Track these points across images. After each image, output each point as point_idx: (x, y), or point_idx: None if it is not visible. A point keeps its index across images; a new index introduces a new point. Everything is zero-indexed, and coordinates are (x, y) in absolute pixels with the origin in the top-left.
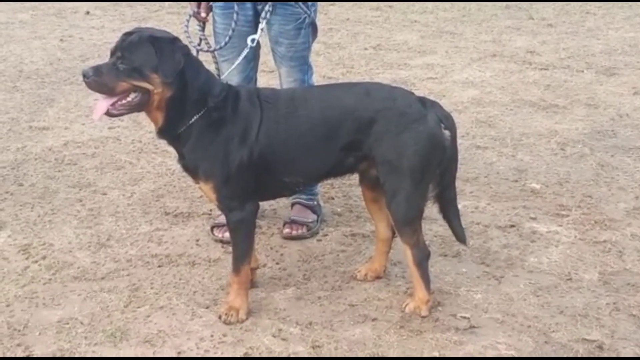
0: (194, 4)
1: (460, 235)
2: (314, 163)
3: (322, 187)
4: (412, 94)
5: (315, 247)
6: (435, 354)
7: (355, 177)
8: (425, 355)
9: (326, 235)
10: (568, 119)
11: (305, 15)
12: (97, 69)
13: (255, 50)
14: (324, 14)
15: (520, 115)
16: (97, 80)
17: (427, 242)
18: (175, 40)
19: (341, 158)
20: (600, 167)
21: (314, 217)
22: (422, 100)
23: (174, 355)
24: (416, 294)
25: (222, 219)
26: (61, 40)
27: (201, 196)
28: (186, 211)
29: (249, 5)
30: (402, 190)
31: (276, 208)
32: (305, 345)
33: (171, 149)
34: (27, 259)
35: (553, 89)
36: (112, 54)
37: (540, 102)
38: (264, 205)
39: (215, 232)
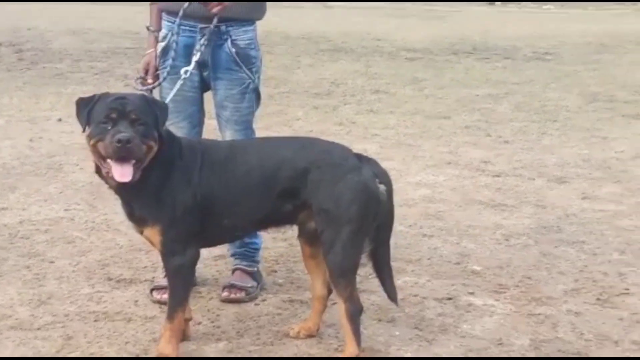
0: (142, 70)
1: (391, 294)
2: (250, 207)
3: (265, 262)
4: (349, 149)
5: (252, 309)
6: None
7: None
8: None
9: (264, 300)
10: (515, 215)
11: (250, 80)
12: (132, 134)
13: (200, 116)
14: (289, 127)
15: (468, 212)
16: (137, 144)
17: (364, 309)
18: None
19: (278, 205)
20: (542, 255)
21: (254, 283)
22: (359, 156)
23: None
24: (346, 349)
25: (163, 282)
26: (31, 140)
27: (145, 267)
28: (129, 278)
29: (195, 71)
30: (338, 240)
31: (218, 277)
32: None
33: (115, 220)
34: None
35: (503, 192)
36: (119, 119)
37: (490, 201)
38: (206, 272)
39: (155, 294)
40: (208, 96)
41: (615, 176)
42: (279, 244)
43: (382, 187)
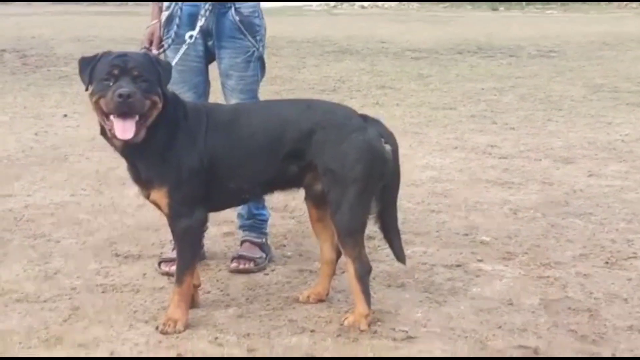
0: (146, 40)
1: (399, 255)
2: (255, 169)
3: (274, 238)
4: (354, 110)
5: (261, 279)
6: (370, 355)
7: (309, 229)
8: (360, 356)
9: (273, 270)
10: (522, 192)
11: (254, 49)
12: (133, 89)
13: (205, 87)
14: None
15: (476, 190)
16: (139, 99)
17: (372, 277)
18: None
19: (284, 166)
20: (550, 226)
21: (262, 254)
22: (364, 116)
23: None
24: (356, 309)
25: (171, 255)
26: (36, 134)
27: (153, 244)
28: (137, 254)
29: (199, 40)
30: (345, 200)
31: (226, 252)
32: (240, 349)
33: (123, 203)
34: None
35: (510, 171)
36: (121, 75)
37: (497, 180)
38: (214, 248)
39: (163, 266)
40: (213, 68)
41: (621, 156)
42: (287, 221)
43: (387, 147)
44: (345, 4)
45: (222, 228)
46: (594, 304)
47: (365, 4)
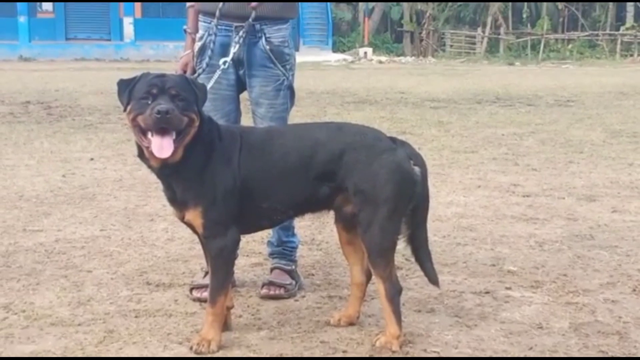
0: (180, 70)
1: (432, 277)
2: (288, 190)
3: (302, 268)
4: (383, 132)
5: (291, 304)
6: None
7: (337, 260)
8: None
9: (304, 296)
10: (547, 227)
11: (284, 77)
12: (171, 106)
13: (236, 115)
14: None
15: (501, 225)
16: (177, 115)
17: (402, 303)
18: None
19: (315, 187)
20: (577, 257)
21: (292, 281)
22: (392, 138)
23: None
24: (387, 330)
25: (202, 281)
26: (63, 176)
27: (183, 273)
28: (168, 282)
29: (231, 70)
30: (376, 220)
31: (256, 281)
32: None
33: (152, 237)
34: (7, 312)
35: (534, 208)
36: (159, 94)
37: (522, 216)
38: (244, 275)
39: (194, 292)
40: (244, 98)
41: None
42: (314, 253)
43: (416, 169)
44: (363, 59)
45: (251, 259)
46: (623, 327)
47: (383, 58)
